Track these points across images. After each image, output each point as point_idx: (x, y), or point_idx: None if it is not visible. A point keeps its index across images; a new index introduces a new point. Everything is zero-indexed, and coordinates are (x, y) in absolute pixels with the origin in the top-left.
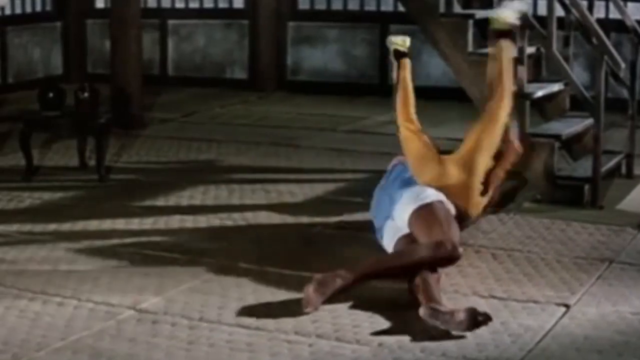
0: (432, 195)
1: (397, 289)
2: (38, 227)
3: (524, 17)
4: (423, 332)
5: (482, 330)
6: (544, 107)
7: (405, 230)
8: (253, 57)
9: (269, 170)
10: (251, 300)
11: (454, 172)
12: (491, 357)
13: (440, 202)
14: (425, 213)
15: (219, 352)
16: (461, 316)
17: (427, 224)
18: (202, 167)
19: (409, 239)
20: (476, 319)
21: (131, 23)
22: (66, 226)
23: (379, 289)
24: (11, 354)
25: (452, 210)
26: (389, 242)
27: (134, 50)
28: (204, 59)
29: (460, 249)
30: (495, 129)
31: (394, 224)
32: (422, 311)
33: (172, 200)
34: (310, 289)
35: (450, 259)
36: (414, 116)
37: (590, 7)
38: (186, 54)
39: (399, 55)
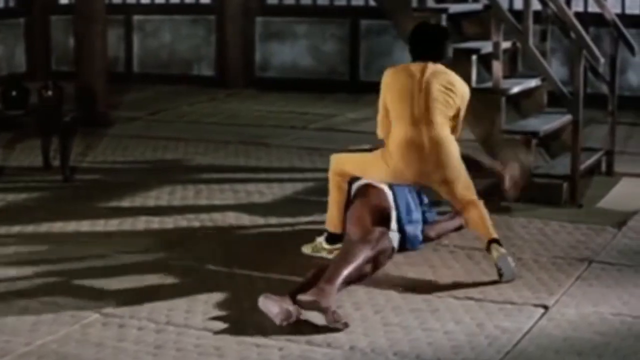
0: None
1: (369, 291)
2: (1, 230)
3: None
4: (396, 335)
5: (458, 333)
6: (520, 104)
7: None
8: (220, 54)
9: (237, 169)
10: (219, 303)
11: None
12: (467, 359)
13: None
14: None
15: (186, 356)
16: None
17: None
18: (169, 166)
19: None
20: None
21: (96, 19)
22: (30, 228)
23: (350, 292)
24: None
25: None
26: None
27: (98, 47)
28: (170, 56)
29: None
30: None
31: None
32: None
33: (138, 201)
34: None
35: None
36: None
37: (568, 1)
38: (152, 50)
39: None
